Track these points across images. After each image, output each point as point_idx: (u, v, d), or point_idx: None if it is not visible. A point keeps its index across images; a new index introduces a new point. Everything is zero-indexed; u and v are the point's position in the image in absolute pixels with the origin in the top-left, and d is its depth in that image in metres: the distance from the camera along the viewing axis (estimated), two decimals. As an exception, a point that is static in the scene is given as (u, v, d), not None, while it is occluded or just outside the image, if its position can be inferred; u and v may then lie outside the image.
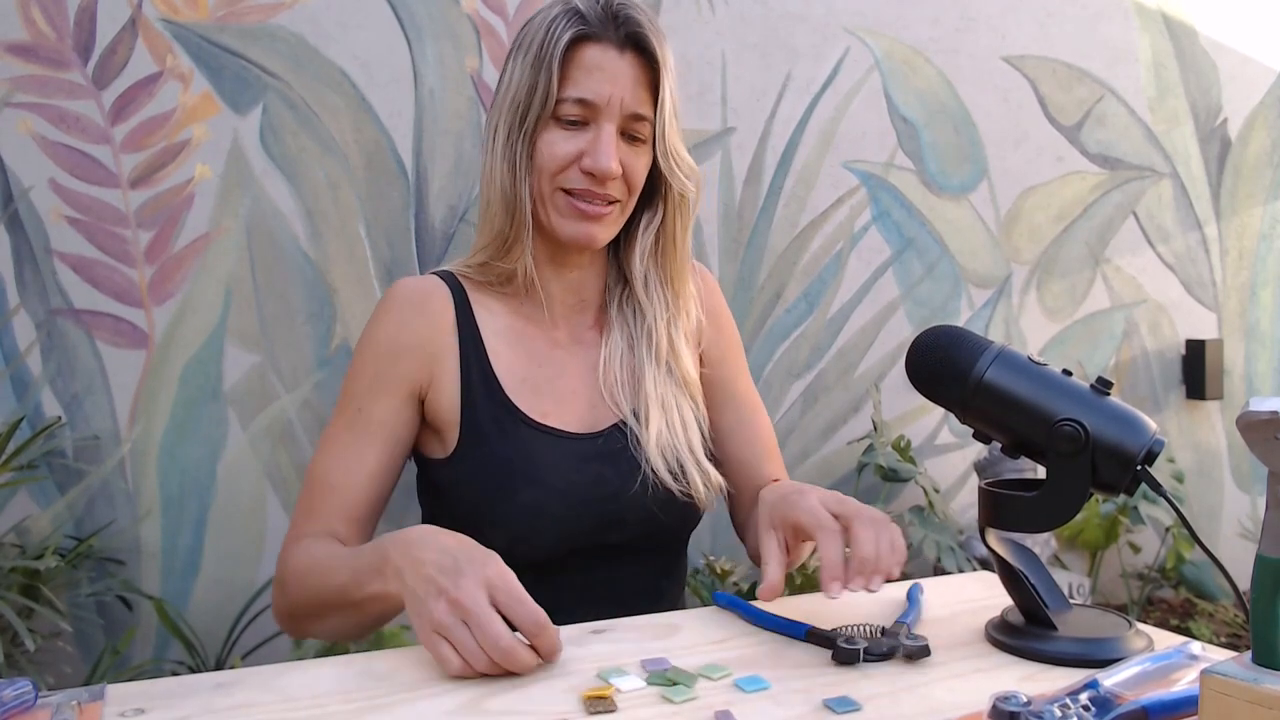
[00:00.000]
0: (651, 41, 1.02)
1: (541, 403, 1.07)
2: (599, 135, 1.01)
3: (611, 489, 1.04)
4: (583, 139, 1.01)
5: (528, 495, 1.02)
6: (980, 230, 2.52)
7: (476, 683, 0.76)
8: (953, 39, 2.46)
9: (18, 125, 1.79)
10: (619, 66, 1.01)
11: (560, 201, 1.03)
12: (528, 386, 1.07)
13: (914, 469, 2.24)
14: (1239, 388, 2.81)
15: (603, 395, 1.09)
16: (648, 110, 1.03)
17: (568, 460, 1.04)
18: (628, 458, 1.06)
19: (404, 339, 1.05)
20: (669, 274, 1.11)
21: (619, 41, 1.01)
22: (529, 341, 1.09)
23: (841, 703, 0.71)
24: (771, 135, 2.30)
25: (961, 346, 0.84)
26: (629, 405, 1.08)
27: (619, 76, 1.01)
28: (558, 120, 1.02)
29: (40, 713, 0.69)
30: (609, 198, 1.03)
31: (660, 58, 1.02)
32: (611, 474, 1.05)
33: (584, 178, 1.01)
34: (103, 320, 1.85)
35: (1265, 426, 0.57)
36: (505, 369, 1.06)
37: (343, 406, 1.06)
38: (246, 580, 1.92)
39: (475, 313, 1.07)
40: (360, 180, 1.98)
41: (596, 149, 1.00)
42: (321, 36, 1.94)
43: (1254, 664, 0.57)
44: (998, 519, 0.85)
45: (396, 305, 1.06)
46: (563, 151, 1.01)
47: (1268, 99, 2.83)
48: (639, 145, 1.04)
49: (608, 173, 1.00)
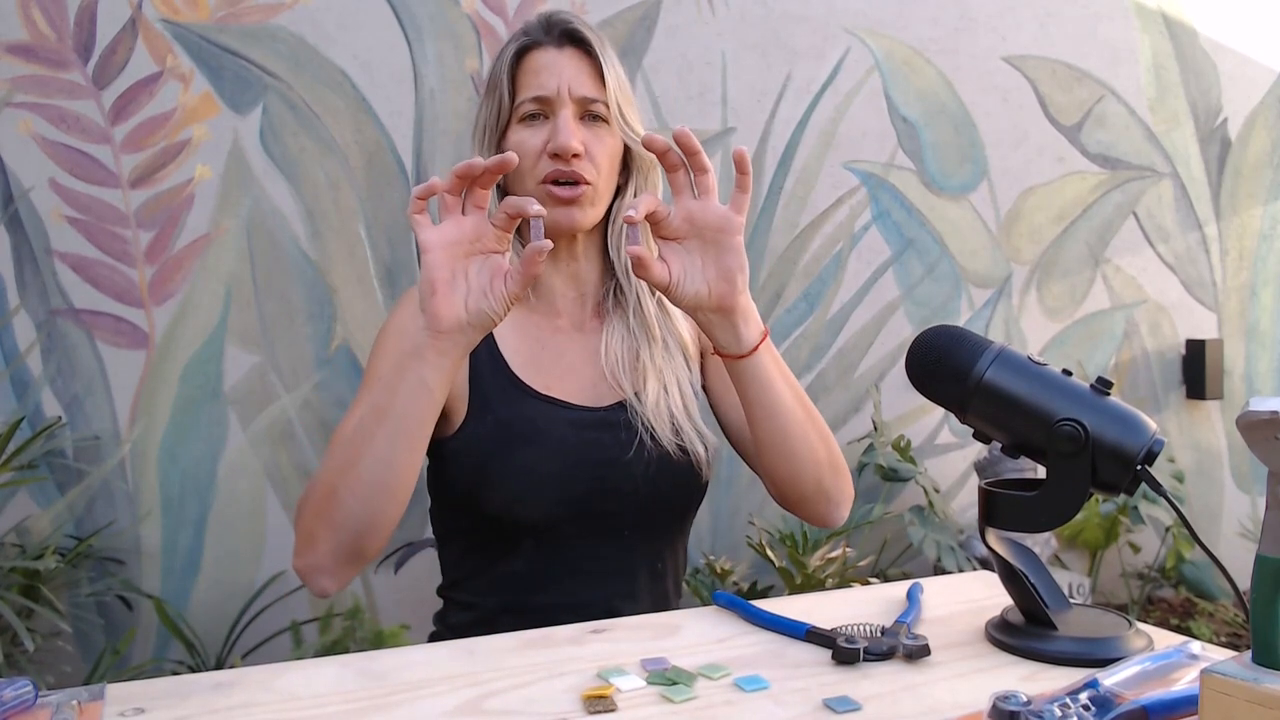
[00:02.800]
0: (585, 33, 1.12)
1: (545, 378, 1.13)
2: (557, 120, 1.10)
3: (609, 455, 1.09)
4: (545, 129, 1.11)
5: (525, 455, 1.07)
6: (980, 230, 2.52)
7: (476, 683, 0.76)
8: (953, 39, 2.46)
9: (18, 125, 1.79)
10: (560, 61, 1.11)
11: (541, 194, 1.09)
12: (532, 365, 1.13)
13: (914, 469, 2.24)
14: (1239, 388, 2.81)
15: (605, 376, 1.14)
16: (598, 93, 1.12)
17: (566, 425, 1.10)
18: (628, 430, 1.11)
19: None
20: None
21: (556, 40, 1.13)
22: (534, 329, 1.16)
23: (841, 703, 0.71)
24: (771, 135, 2.30)
25: (961, 346, 0.85)
26: (630, 385, 1.13)
27: (562, 69, 1.11)
28: (521, 122, 1.12)
29: (40, 713, 0.69)
30: (579, 177, 1.09)
31: (596, 45, 1.12)
32: (610, 441, 1.10)
33: (554, 161, 1.09)
34: (103, 320, 1.85)
35: (1265, 426, 0.57)
36: (511, 350, 1.13)
37: (367, 383, 1.09)
38: (246, 580, 1.92)
39: None
40: (360, 180, 1.98)
41: (556, 131, 1.09)
42: (322, 37, 1.94)
43: (1254, 664, 0.57)
44: (998, 519, 0.85)
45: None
46: (530, 145, 1.10)
47: (1268, 99, 2.83)
48: (601, 125, 1.12)
49: (567, 148, 1.07)
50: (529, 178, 1.10)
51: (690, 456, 1.12)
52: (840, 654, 0.78)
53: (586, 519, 1.09)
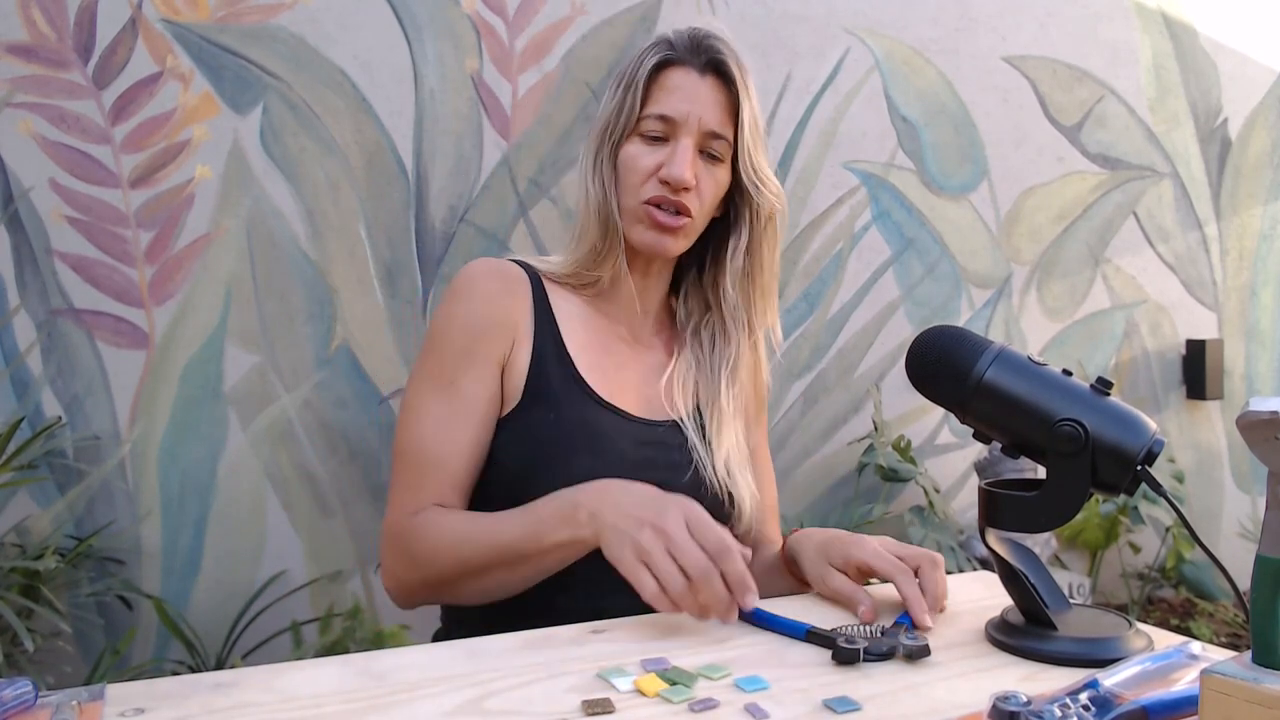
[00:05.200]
0: (731, 67, 1.11)
1: (609, 384, 1.13)
2: (676, 148, 1.09)
3: (663, 475, 1.07)
4: (662, 153, 1.10)
5: (584, 461, 1.07)
6: (980, 230, 2.52)
7: (476, 683, 0.76)
8: (953, 39, 2.46)
9: (18, 125, 1.79)
10: (699, 88, 1.10)
11: (640, 212, 1.10)
12: (597, 369, 1.13)
13: (914, 469, 2.24)
14: (1239, 388, 2.81)
15: (661, 395, 1.15)
16: (726, 131, 1.11)
17: (626, 439, 1.10)
18: (682, 454, 1.12)
19: (493, 313, 1.10)
20: (758, 293, 1.19)
21: (700, 66, 1.11)
22: (600, 333, 1.16)
23: (841, 703, 0.71)
24: (772, 135, 2.30)
25: (961, 346, 0.85)
26: (686, 413, 1.15)
27: (698, 97, 1.10)
28: (641, 136, 1.11)
29: (40, 713, 0.69)
30: (683, 208, 1.09)
31: (740, 82, 1.12)
32: (664, 461, 1.11)
33: (661, 187, 1.09)
34: (103, 320, 1.85)
35: (1265, 426, 0.57)
36: (578, 348, 1.13)
37: (433, 376, 1.09)
38: (246, 580, 1.92)
39: (551, 299, 1.15)
40: (360, 181, 1.98)
41: (673, 159, 1.09)
42: (322, 37, 1.94)
43: (1254, 664, 0.57)
44: (998, 519, 0.85)
45: (482, 281, 1.12)
46: (644, 164, 1.10)
47: (1268, 99, 2.83)
48: (716, 165, 1.12)
49: (681, 180, 1.07)
50: (635, 193, 1.11)
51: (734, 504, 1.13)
52: (840, 654, 0.78)
53: None
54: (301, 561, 1.95)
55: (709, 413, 1.16)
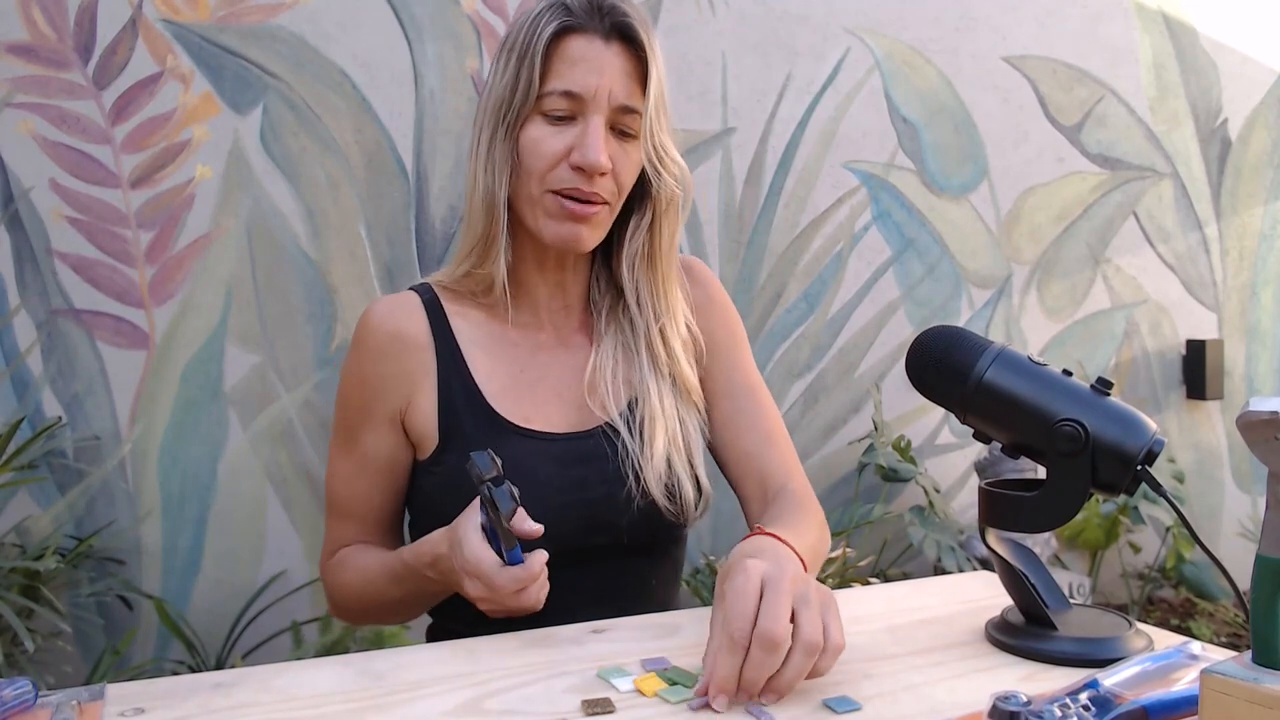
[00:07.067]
0: (639, 30, 0.98)
1: (523, 407, 1.04)
2: (587, 128, 0.97)
3: (597, 493, 1.02)
4: (570, 134, 0.97)
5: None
6: (980, 230, 2.52)
7: (476, 683, 0.76)
8: (953, 39, 2.46)
9: (18, 125, 1.79)
10: (605, 57, 0.97)
11: (549, 203, 0.99)
12: (509, 393, 1.04)
13: (914, 469, 2.24)
14: (1239, 388, 2.81)
15: (587, 400, 1.05)
16: (638, 102, 0.98)
17: (550, 464, 1.02)
18: (615, 462, 1.03)
19: (381, 369, 1.04)
20: (659, 279, 1.07)
21: (605, 31, 0.98)
22: (510, 348, 1.07)
23: (841, 703, 0.71)
24: (772, 135, 2.30)
25: (961, 346, 0.85)
26: (618, 411, 1.05)
27: (606, 67, 0.97)
28: (544, 116, 0.98)
29: (40, 713, 0.69)
30: (598, 197, 0.98)
31: (648, 47, 0.98)
32: (597, 478, 1.02)
33: (573, 174, 0.97)
34: (103, 320, 1.85)
35: (1265, 426, 0.57)
36: (485, 376, 1.04)
37: (339, 430, 1.09)
38: (246, 580, 1.92)
39: (452, 324, 1.06)
40: (361, 180, 1.98)
41: (585, 142, 0.96)
42: (322, 37, 1.94)
43: (1254, 664, 0.57)
44: (998, 519, 0.85)
45: (370, 335, 1.05)
46: (549, 148, 0.97)
47: (1268, 99, 2.83)
48: (629, 141, 1.00)
49: (596, 166, 0.96)
50: (541, 181, 0.98)
51: (678, 500, 1.03)
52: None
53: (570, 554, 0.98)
54: (301, 561, 1.95)
55: (641, 405, 1.04)
